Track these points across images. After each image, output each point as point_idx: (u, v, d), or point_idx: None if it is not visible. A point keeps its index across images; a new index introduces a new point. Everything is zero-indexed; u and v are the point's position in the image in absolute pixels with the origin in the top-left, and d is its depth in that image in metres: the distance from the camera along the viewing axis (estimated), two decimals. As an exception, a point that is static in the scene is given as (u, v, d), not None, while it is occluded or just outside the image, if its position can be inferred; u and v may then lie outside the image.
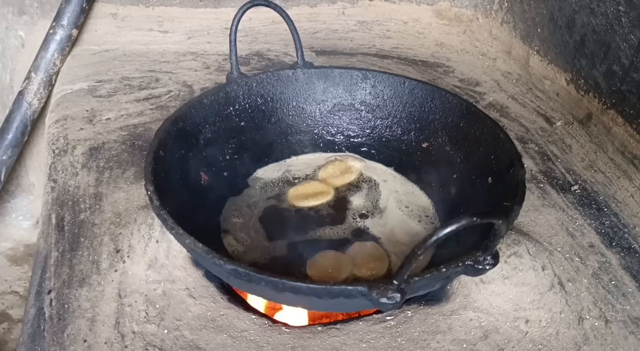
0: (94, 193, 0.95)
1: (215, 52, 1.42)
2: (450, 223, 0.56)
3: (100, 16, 1.43)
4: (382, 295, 0.60)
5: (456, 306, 0.77)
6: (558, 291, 0.78)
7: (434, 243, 0.57)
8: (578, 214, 0.95)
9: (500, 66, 1.41)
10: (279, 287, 0.62)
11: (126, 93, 1.23)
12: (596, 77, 1.08)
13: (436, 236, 0.56)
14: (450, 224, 0.56)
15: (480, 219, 0.57)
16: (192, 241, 0.65)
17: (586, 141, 1.12)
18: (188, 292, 0.77)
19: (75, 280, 0.78)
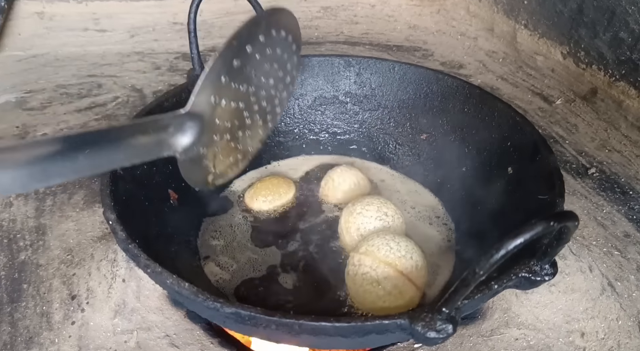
0: (35, 226, 0.77)
1: (165, 51, 1.25)
2: (521, 232, 0.43)
3: (23, 16, 1.23)
4: (429, 328, 0.48)
5: (496, 324, 0.64)
6: (610, 295, 0.67)
7: (500, 260, 0.43)
8: (603, 201, 0.84)
9: (483, 45, 1.30)
10: (294, 329, 0.49)
11: (64, 103, 1.05)
12: (599, 47, 0.99)
13: (504, 249, 0.43)
14: (522, 233, 0.43)
15: (558, 222, 0.44)
16: (175, 281, 0.50)
17: (593, 118, 1.02)
18: (169, 340, 0.62)
19: (19, 341, 0.62)
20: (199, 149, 0.55)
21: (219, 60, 0.52)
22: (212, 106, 0.54)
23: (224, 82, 0.53)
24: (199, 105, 0.53)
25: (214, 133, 0.56)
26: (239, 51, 0.54)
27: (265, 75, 0.59)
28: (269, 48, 0.58)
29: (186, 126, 0.52)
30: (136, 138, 0.48)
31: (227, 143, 0.59)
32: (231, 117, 0.57)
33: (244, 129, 0.61)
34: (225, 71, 0.53)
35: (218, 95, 0.53)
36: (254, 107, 0.61)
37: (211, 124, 0.55)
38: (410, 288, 0.63)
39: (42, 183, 0.41)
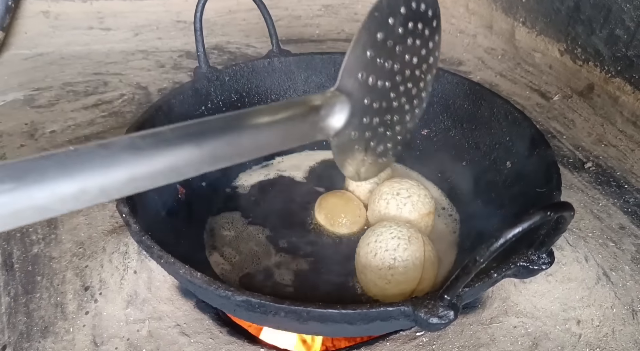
0: (47, 220, 0.79)
1: (169, 49, 1.27)
2: (520, 222, 0.45)
3: (29, 15, 1.24)
4: (431, 314, 0.50)
5: (495, 313, 0.67)
6: (605, 284, 0.69)
7: (499, 249, 0.46)
8: (599, 194, 0.87)
9: (482, 42, 1.32)
10: (302, 317, 0.51)
11: (71, 101, 1.07)
12: (596, 44, 1.00)
13: (503, 238, 0.45)
14: (520, 222, 0.45)
15: (554, 212, 0.46)
16: (187, 271, 0.52)
17: (590, 114, 1.04)
18: (179, 329, 0.64)
19: (35, 330, 0.64)
20: (350, 132, 0.52)
21: (364, 32, 0.49)
22: (360, 84, 0.51)
23: (369, 57, 0.50)
24: (347, 82, 0.50)
25: (363, 115, 0.53)
26: (382, 23, 0.51)
27: (409, 52, 0.55)
28: (410, 22, 0.55)
29: (337, 106, 0.49)
30: (290, 120, 0.45)
31: (376, 128, 0.56)
32: (379, 98, 0.54)
33: (391, 112, 0.58)
34: (370, 44, 0.50)
35: (365, 71, 0.50)
36: (400, 89, 0.57)
37: (360, 104, 0.52)
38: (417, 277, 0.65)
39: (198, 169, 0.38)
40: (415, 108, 0.61)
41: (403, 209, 0.75)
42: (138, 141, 0.36)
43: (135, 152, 0.35)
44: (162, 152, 0.36)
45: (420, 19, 0.57)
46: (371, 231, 0.70)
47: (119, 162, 0.35)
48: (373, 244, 0.68)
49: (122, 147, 0.35)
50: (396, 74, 0.55)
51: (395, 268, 0.65)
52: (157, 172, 0.36)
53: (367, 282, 0.68)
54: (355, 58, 0.49)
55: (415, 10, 0.56)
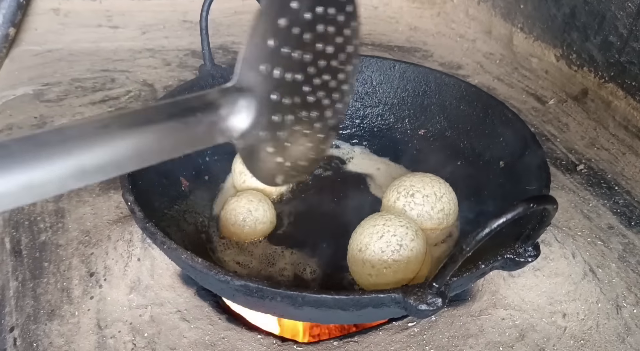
0: (54, 209, 0.82)
1: (175, 48, 1.30)
2: (504, 212, 0.48)
3: (40, 12, 1.28)
4: (420, 301, 0.52)
5: (484, 305, 0.69)
6: (591, 280, 0.72)
7: (485, 238, 0.48)
8: (590, 195, 0.89)
9: (481, 47, 1.35)
10: (298, 302, 0.53)
11: (79, 96, 1.10)
12: (590, 50, 1.03)
13: (488, 228, 0.48)
14: (504, 213, 0.48)
15: (537, 204, 0.49)
16: (189, 256, 0.55)
17: (583, 118, 1.07)
18: (180, 315, 0.66)
19: (42, 313, 0.66)
20: (258, 133, 0.46)
21: (263, 18, 0.43)
22: (264, 77, 0.44)
23: (272, 46, 0.44)
24: (247, 76, 0.43)
25: (272, 112, 0.47)
26: (284, 7, 0.45)
27: (322, 40, 0.49)
28: (319, 6, 0.48)
29: (239, 103, 0.43)
30: (181, 122, 0.38)
31: (291, 126, 0.50)
32: (290, 93, 0.48)
33: (308, 108, 0.51)
34: (272, 31, 0.44)
35: (268, 62, 0.44)
36: (314, 81, 0.51)
37: (267, 100, 0.45)
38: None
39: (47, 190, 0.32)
40: (336, 102, 0.55)
41: (409, 212, 0.76)
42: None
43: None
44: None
45: (331, 3, 0.50)
46: (379, 215, 0.71)
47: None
48: (381, 227, 0.68)
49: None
50: (307, 65, 0.49)
51: (400, 254, 0.66)
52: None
53: (362, 267, 0.68)
54: (255, 48, 0.43)
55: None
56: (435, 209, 0.75)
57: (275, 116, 0.47)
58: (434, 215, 0.75)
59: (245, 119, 0.43)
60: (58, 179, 0.32)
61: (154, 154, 0.37)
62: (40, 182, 0.31)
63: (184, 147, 0.39)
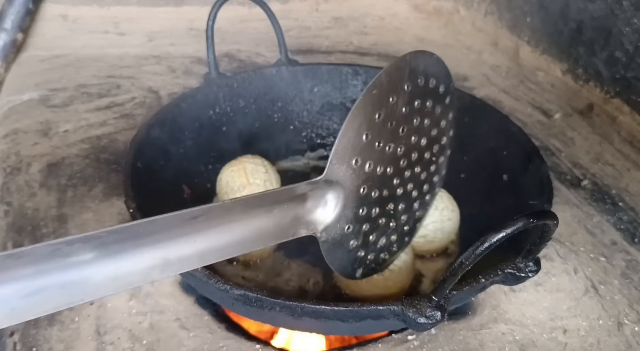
0: (57, 215, 0.82)
1: (181, 55, 1.31)
2: (503, 227, 0.48)
3: (48, 18, 1.29)
4: (419, 314, 0.52)
5: (485, 319, 0.69)
6: (593, 296, 0.71)
7: (484, 252, 0.48)
8: (593, 211, 0.89)
9: (487, 59, 1.35)
10: (297, 312, 0.53)
11: (84, 102, 1.11)
12: (596, 65, 1.03)
13: (488, 242, 0.48)
14: (504, 228, 0.48)
15: (537, 220, 0.49)
16: (189, 265, 0.54)
17: (589, 132, 1.07)
18: (179, 323, 0.66)
19: (43, 318, 0.67)
20: (343, 226, 0.45)
21: (359, 113, 0.43)
22: (354, 171, 0.44)
23: (365, 141, 0.44)
24: (338, 169, 0.43)
25: (359, 206, 0.46)
26: (381, 102, 0.44)
27: (416, 133, 0.49)
28: (417, 99, 0.48)
29: (326, 197, 0.42)
30: (269, 214, 0.38)
31: (376, 219, 0.49)
32: (379, 186, 0.47)
33: (395, 200, 0.50)
34: (367, 126, 0.43)
35: (360, 156, 0.44)
36: (405, 174, 0.50)
37: (355, 194, 0.45)
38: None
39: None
40: (425, 194, 0.53)
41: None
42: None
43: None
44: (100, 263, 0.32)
45: (430, 96, 0.50)
46: None
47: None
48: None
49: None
50: (400, 158, 0.49)
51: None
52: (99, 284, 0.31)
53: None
54: (347, 142, 0.43)
55: (423, 87, 0.49)
56: (433, 224, 0.74)
57: (362, 209, 0.46)
58: (429, 227, 0.74)
59: (331, 212, 0.43)
60: (143, 270, 0.33)
61: (237, 247, 0.38)
62: (127, 272, 0.32)
63: (268, 240, 0.39)
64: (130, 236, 0.33)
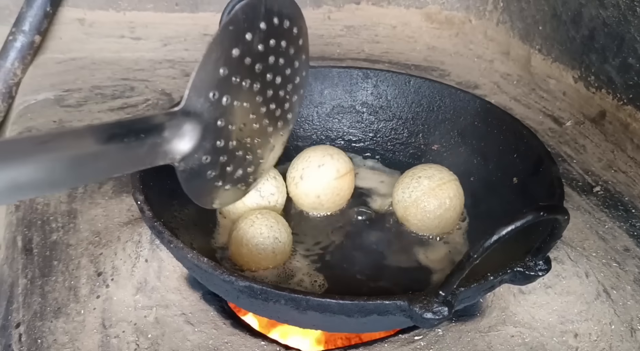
0: (67, 210, 0.83)
1: (194, 60, 1.31)
2: (513, 220, 0.47)
3: (66, 22, 1.31)
4: (426, 309, 0.52)
5: (493, 321, 0.68)
6: (605, 300, 0.70)
7: (493, 245, 0.48)
8: (605, 217, 0.88)
9: (499, 67, 1.35)
10: (302, 305, 0.53)
11: (98, 102, 1.12)
12: (609, 72, 1.03)
13: (497, 235, 0.47)
14: (513, 221, 0.47)
15: (547, 213, 0.48)
16: (195, 256, 0.55)
17: (601, 140, 1.06)
18: (185, 318, 0.66)
19: (49, 310, 0.67)
20: (200, 157, 0.47)
21: (215, 47, 0.44)
22: (212, 104, 0.46)
23: (222, 75, 0.46)
24: (195, 102, 0.45)
25: (216, 138, 0.48)
26: (238, 38, 0.47)
27: (271, 71, 0.51)
28: (272, 39, 0.50)
29: (184, 127, 0.44)
30: (123, 143, 0.39)
31: (233, 151, 0.51)
32: (236, 120, 0.49)
33: (252, 135, 0.53)
34: (223, 60, 0.45)
35: (217, 90, 0.46)
36: (261, 110, 0.52)
37: (212, 126, 0.47)
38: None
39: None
40: (280, 130, 0.55)
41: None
42: None
43: None
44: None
45: (284, 36, 0.53)
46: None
47: None
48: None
49: None
50: (256, 94, 0.50)
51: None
52: None
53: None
54: (205, 75, 0.45)
55: (277, 27, 0.51)
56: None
57: (219, 141, 0.48)
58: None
59: (188, 142, 0.44)
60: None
61: (92, 172, 0.37)
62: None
63: (124, 167, 0.40)
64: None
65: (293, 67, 0.54)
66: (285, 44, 0.52)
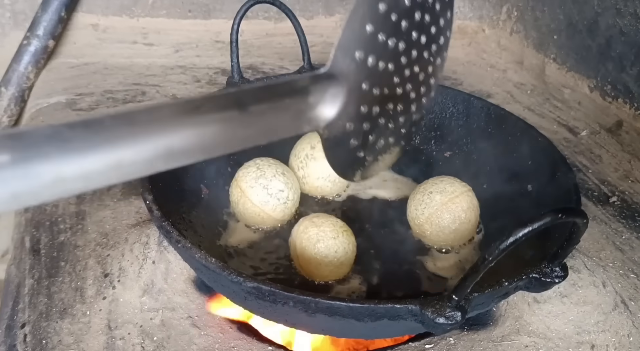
0: (75, 211, 0.82)
1: (206, 66, 1.32)
2: (530, 222, 0.46)
3: (80, 27, 1.32)
4: (438, 314, 0.50)
5: (507, 331, 0.66)
6: (623, 311, 0.68)
7: (509, 247, 0.46)
8: (622, 227, 0.86)
9: (512, 77, 1.34)
10: (311, 308, 0.51)
11: (109, 106, 1.12)
12: (626, 81, 1.01)
13: (514, 237, 0.46)
14: (531, 223, 0.46)
15: (566, 216, 0.47)
16: (202, 256, 0.54)
17: (617, 150, 1.04)
18: (191, 321, 0.65)
19: (54, 311, 0.66)
20: (344, 123, 0.44)
21: (362, 2, 0.41)
22: (357, 65, 0.42)
23: (369, 33, 0.42)
24: (342, 62, 0.41)
25: (360, 103, 0.44)
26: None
27: (417, 29, 0.46)
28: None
29: (329, 91, 0.41)
30: (270, 107, 0.37)
31: (376, 118, 0.47)
32: (380, 83, 0.45)
33: (395, 100, 0.49)
34: (370, 17, 0.41)
35: (363, 49, 0.42)
36: (405, 73, 0.48)
37: (357, 90, 0.43)
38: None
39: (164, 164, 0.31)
40: (422, 97, 0.51)
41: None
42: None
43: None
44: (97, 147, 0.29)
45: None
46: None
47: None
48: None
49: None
50: (401, 54, 0.46)
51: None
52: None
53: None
54: (352, 33, 0.41)
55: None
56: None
57: (363, 107, 0.45)
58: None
59: (333, 108, 0.41)
60: (147, 159, 0.31)
61: (241, 140, 0.36)
62: (130, 161, 0.30)
63: (270, 134, 0.37)
64: (133, 122, 0.30)
65: (438, 25, 0.49)
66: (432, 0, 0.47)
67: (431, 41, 0.49)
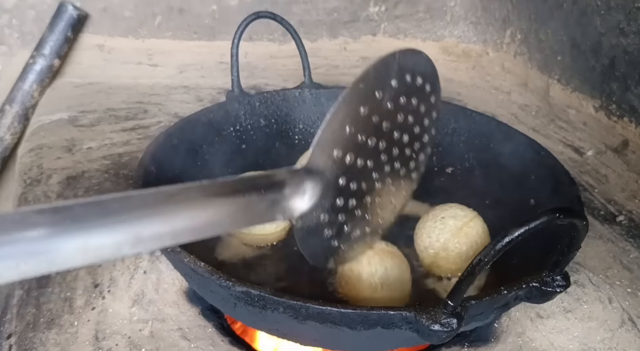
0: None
1: (209, 86, 1.33)
2: (527, 222, 0.44)
3: (85, 47, 1.34)
4: (433, 321, 0.48)
5: (509, 347, 0.63)
6: (630, 329, 0.65)
7: (505, 247, 0.44)
8: (630, 246, 0.83)
9: (516, 99, 1.33)
10: (301, 314, 0.49)
11: (111, 123, 1.12)
12: (631, 100, 1.00)
13: (509, 236, 0.44)
14: (528, 222, 0.44)
15: (564, 216, 0.45)
16: (191, 260, 0.52)
17: (624, 170, 1.02)
18: (181, 333, 0.63)
19: (42, 321, 0.64)
20: (319, 215, 0.45)
21: (343, 105, 0.43)
22: (335, 162, 0.44)
23: (348, 133, 0.44)
24: (319, 159, 0.43)
25: (336, 196, 0.46)
26: (367, 97, 0.45)
27: (399, 129, 0.49)
28: (402, 96, 0.48)
29: (305, 185, 0.43)
30: (244, 198, 0.38)
31: (352, 210, 0.49)
32: (357, 178, 0.47)
33: (372, 194, 0.50)
34: (350, 119, 0.44)
35: (342, 148, 0.44)
36: (384, 169, 0.50)
37: (333, 184, 0.45)
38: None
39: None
40: (402, 190, 0.53)
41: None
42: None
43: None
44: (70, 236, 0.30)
45: (416, 94, 0.50)
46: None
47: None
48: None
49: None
50: (381, 152, 0.49)
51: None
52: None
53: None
54: (331, 133, 0.43)
55: (409, 84, 0.49)
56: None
57: (339, 200, 0.46)
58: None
59: (308, 200, 0.43)
60: (114, 245, 0.31)
61: (212, 227, 0.37)
62: (97, 246, 0.31)
63: (242, 222, 0.39)
64: (103, 210, 0.31)
65: (422, 125, 0.52)
66: (416, 102, 0.50)
67: (414, 139, 0.51)
